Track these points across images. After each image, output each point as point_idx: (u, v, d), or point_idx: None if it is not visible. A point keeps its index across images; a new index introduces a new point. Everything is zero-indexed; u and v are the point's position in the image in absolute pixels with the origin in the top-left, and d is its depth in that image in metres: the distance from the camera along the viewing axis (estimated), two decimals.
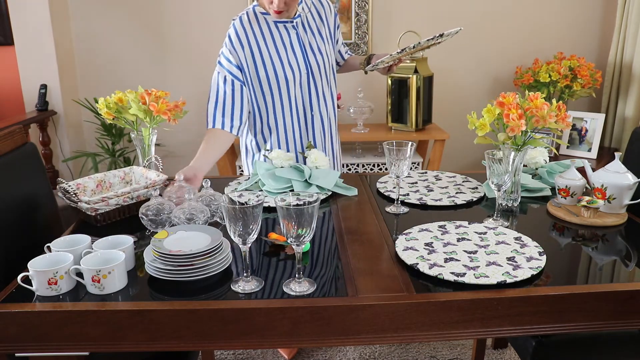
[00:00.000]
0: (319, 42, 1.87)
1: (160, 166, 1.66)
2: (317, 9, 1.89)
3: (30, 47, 3.07)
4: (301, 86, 1.84)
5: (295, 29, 1.82)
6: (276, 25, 1.80)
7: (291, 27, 1.81)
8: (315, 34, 1.86)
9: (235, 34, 1.77)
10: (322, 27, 1.89)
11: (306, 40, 1.84)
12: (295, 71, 1.81)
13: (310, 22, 1.86)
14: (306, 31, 1.84)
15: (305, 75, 1.83)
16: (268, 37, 1.79)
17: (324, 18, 1.90)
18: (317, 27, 1.87)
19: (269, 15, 1.78)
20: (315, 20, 1.88)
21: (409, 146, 1.47)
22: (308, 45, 1.84)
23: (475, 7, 3.30)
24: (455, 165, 3.53)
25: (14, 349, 1.04)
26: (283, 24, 1.80)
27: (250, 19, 1.79)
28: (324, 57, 1.87)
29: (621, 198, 1.44)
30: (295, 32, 1.82)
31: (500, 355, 2.18)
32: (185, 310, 1.02)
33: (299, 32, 1.83)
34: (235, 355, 2.18)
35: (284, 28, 1.81)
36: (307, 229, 1.04)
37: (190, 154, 3.71)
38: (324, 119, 1.93)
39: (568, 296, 1.07)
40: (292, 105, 1.85)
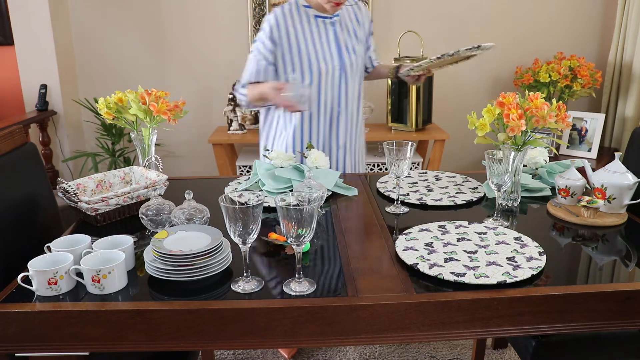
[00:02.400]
0: (354, 43, 1.93)
1: (160, 166, 1.66)
2: (355, 11, 1.96)
3: (30, 47, 3.07)
4: (332, 81, 1.89)
5: (333, 26, 1.88)
6: (315, 19, 1.86)
7: (329, 23, 1.87)
8: (351, 34, 1.92)
9: (275, 21, 1.82)
10: (359, 29, 1.95)
11: (342, 38, 1.90)
12: (328, 65, 1.86)
13: (347, 23, 1.92)
14: (342, 30, 1.91)
15: (337, 71, 1.88)
16: (307, 29, 1.84)
17: (360, 21, 1.97)
18: (354, 29, 1.94)
19: (310, 9, 1.85)
20: (352, 22, 1.94)
21: (409, 146, 1.47)
22: (343, 43, 1.90)
23: (476, 7, 3.30)
24: (455, 165, 3.53)
25: (14, 349, 1.04)
26: (322, 19, 1.86)
27: (292, 9, 1.85)
28: (357, 58, 1.93)
29: (621, 198, 1.44)
30: (333, 28, 1.88)
31: (500, 355, 2.18)
32: (185, 310, 1.02)
33: (336, 30, 1.89)
34: (235, 355, 2.18)
35: (322, 23, 1.86)
36: (307, 229, 1.04)
37: (190, 154, 3.73)
38: (349, 117, 1.97)
39: (568, 296, 1.07)
40: (321, 99, 1.89)
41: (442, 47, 3.31)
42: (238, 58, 3.28)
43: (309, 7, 1.85)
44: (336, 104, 1.92)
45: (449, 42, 3.34)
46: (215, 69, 3.32)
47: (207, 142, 3.21)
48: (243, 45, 3.28)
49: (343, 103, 1.93)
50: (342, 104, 1.93)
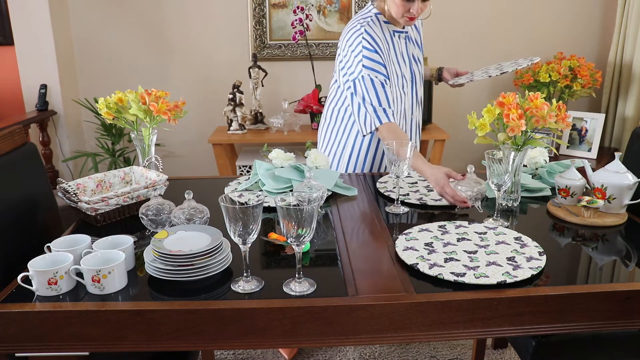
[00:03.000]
0: (419, 53, 1.96)
1: (160, 166, 1.66)
2: None
3: (30, 47, 3.07)
4: (408, 94, 1.92)
5: (405, 40, 1.90)
6: (394, 34, 1.86)
7: (404, 37, 1.89)
8: (415, 45, 1.95)
9: (371, 36, 1.77)
10: (418, 36, 1.98)
11: (411, 50, 1.92)
12: (407, 78, 1.89)
13: (412, 34, 1.95)
14: (410, 41, 1.93)
15: (410, 82, 1.92)
16: (390, 45, 1.85)
17: (419, 27, 1.99)
18: (415, 38, 1.96)
19: (389, 24, 1.85)
20: (413, 31, 1.96)
21: (409, 146, 1.47)
22: (412, 55, 1.92)
23: (476, 8, 3.30)
24: (455, 165, 3.53)
25: (14, 349, 1.04)
26: (398, 34, 1.87)
27: (376, 25, 1.81)
28: (422, 66, 1.97)
29: (621, 198, 1.44)
30: (405, 42, 1.90)
31: (500, 355, 2.18)
32: (185, 310, 1.02)
33: (407, 43, 1.91)
34: (235, 355, 2.18)
35: (398, 38, 1.88)
36: (307, 229, 1.04)
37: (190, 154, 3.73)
38: (418, 122, 2.02)
39: (568, 296, 1.07)
40: (399, 110, 1.90)
41: (442, 46, 3.31)
42: (238, 58, 3.29)
43: (389, 23, 1.85)
44: (409, 112, 1.95)
45: (449, 42, 3.34)
46: (215, 69, 3.32)
47: (207, 142, 3.21)
48: (243, 45, 3.28)
49: (416, 110, 1.98)
50: (414, 112, 1.97)
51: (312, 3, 3.23)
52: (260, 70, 3.12)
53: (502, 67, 1.92)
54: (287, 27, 3.25)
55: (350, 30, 1.80)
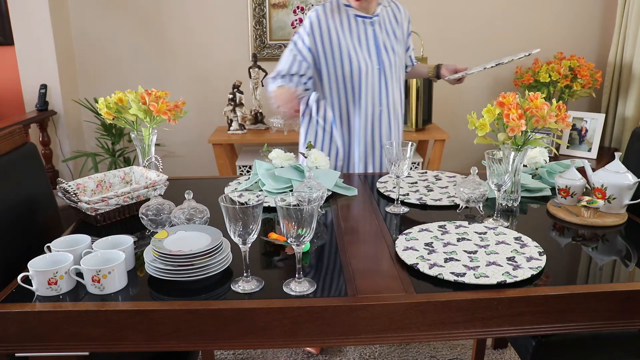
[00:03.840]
0: (393, 42, 1.95)
1: (160, 166, 1.66)
2: (394, 12, 1.99)
3: (30, 47, 3.07)
4: (373, 81, 1.91)
5: (372, 26, 1.90)
6: (355, 19, 1.87)
7: (369, 23, 1.90)
8: (390, 35, 1.94)
9: (317, 19, 1.85)
10: (397, 29, 1.98)
11: (381, 38, 1.92)
12: (367, 64, 1.88)
13: (386, 23, 1.95)
14: (382, 30, 1.93)
15: (377, 70, 1.91)
16: (346, 28, 1.86)
17: (399, 21, 2.00)
18: (393, 29, 1.96)
19: (350, 8, 1.87)
20: (391, 23, 1.96)
21: (409, 146, 1.47)
22: (382, 43, 1.92)
23: (476, 8, 3.30)
24: (455, 165, 3.53)
25: (14, 349, 1.04)
26: (362, 19, 1.88)
27: (333, 8, 1.87)
28: (396, 57, 1.95)
29: (621, 198, 1.44)
30: (372, 28, 1.90)
31: (500, 355, 2.18)
32: (185, 310, 1.02)
33: (376, 30, 1.91)
34: (235, 355, 2.18)
35: (362, 23, 1.88)
36: (307, 229, 1.04)
37: (190, 154, 3.72)
38: (392, 115, 1.99)
39: (568, 296, 1.07)
40: (362, 98, 1.91)
41: (442, 47, 3.31)
42: (238, 58, 3.29)
43: (349, 7, 1.88)
44: (377, 102, 1.94)
45: (449, 42, 3.34)
46: (215, 69, 3.32)
47: (207, 142, 3.21)
48: (243, 45, 3.28)
49: (384, 102, 1.95)
50: (383, 103, 1.95)
51: (312, 3, 3.23)
52: (260, 70, 3.12)
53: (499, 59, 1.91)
54: (287, 27, 3.25)
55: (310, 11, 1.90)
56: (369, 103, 1.93)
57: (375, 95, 1.93)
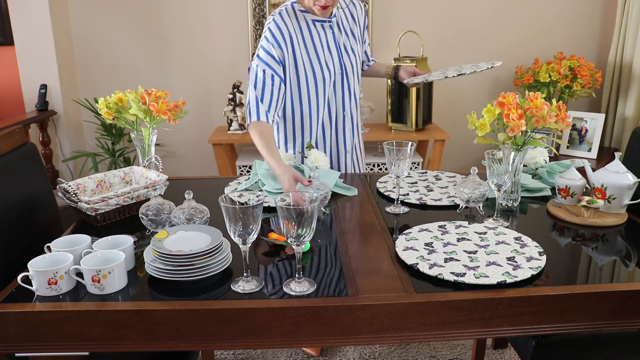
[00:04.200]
0: (352, 43, 1.88)
1: (160, 166, 1.66)
2: (350, 9, 1.91)
3: (30, 47, 3.07)
4: (335, 86, 1.85)
5: (332, 29, 1.83)
6: (314, 24, 1.80)
7: (328, 26, 1.82)
8: (348, 35, 1.88)
9: (277, 28, 1.75)
10: (355, 27, 1.90)
11: (341, 40, 1.85)
12: (331, 70, 1.82)
13: (344, 22, 1.87)
14: (341, 31, 1.86)
15: (339, 75, 1.85)
16: (307, 35, 1.79)
17: (356, 18, 1.92)
18: (350, 28, 1.89)
19: (307, 13, 1.79)
20: (348, 21, 1.89)
21: (409, 146, 1.47)
22: (342, 46, 1.85)
23: (476, 8, 3.30)
24: (455, 165, 3.53)
25: (14, 349, 1.04)
26: (321, 23, 1.81)
27: (290, 15, 1.78)
28: (356, 58, 1.89)
29: (621, 198, 1.44)
30: (332, 31, 1.83)
31: (500, 355, 2.18)
32: (185, 310, 1.02)
33: (335, 32, 1.84)
34: (235, 355, 2.18)
35: (321, 27, 1.81)
36: (307, 229, 1.04)
37: (190, 154, 3.72)
38: (353, 118, 1.95)
39: (568, 296, 1.07)
40: (326, 104, 1.85)
41: (442, 46, 3.31)
42: (238, 58, 3.29)
43: (306, 12, 1.79)
44: (340, 108, 1.88)
45: (449, 42, 3.34)
46: (215, 69, 3.32)
47: (207, 142, 3.21)
48: (243, 45, 3.28)
49: (347, 105, 1.90)
50: (346, 107, 1.89)
51: None
52: None
53: (461, 68, 1.87)
54: None
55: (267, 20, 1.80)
56: (332, 110, 1.87)
57: (338, 101, 1.87)
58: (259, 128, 1.68)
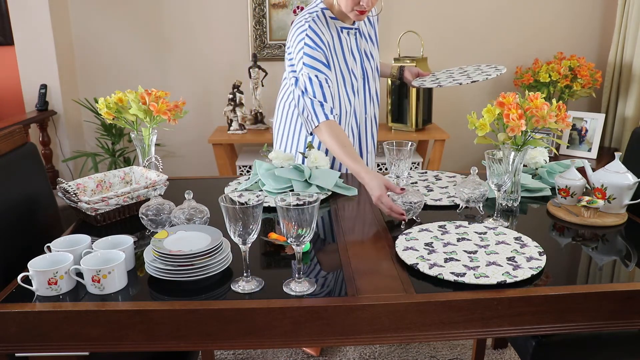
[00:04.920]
0: (371, 48, 1.90)
1: (160, 166, 1.66)
2: None
3: (30, 47, 3.07)
4: (358, 91, 1.87)
5: (355, 35, 1.84)
6: (341, 31, 1.80)
7: (353, 33, 1.83)
8: (367, 39, 1.89)
9: (315, 33, 1.71)
10: (372, 30, 1.92)
11: (362, 45, 1.87)
12: (357, 76, 1.84)
13: (363, 28, 1.89)
14: (362, 37, 1.87)
15: (361, 80, 1.87)
16: (337, 42, 1.79)
17: (372, 21, 1.93)
18: (368, 32, 1.90)
19: (336, 21, 1.78)
20: (366, 26, 1.90)
21: (409, 146, 1.47)
22: (363, 51, 1.87)
23: (476, 8, 3.30)
24: (455, 165, 3.53)
25: (14, 349, 1.04)
26: (347, 30, 1.81)
27: (322, 20, 1.76)
28: (375, 62, 1.91)
29: (621, 198, 1.44)
30: (355, 37, 1.84)
31: (500, 355, 2.18)
32: (185, 310, 1.02)
33: (357, 39, 1.85)
34: (235, 355, 2.18)
35: (347, 34, 1.82)
36: (307, 229, 1.04)
37: (190, 154, 3.72)
38: (373, 120, 1.97)
39: (568, 296, 1.07)
40: (350, 109, 1.86)
41: (442, 46, 3.31)
42: (238, 58, 3.29)
43: (336, 19, 1.78)
44: (363, 111, 1.91)
45: (449, 42, 3.34)
46: (215, 69, 3.32)
47: (207, 142, 3.21)
48: (243, 45, 3.28)
49: (369, 109, 1.93)
50: (368, 110, 1.93)
51: None
52: (260, 70, 3.12)
53: (468, 73, 1.87)
54: (287, 27, 3.25)
55: (296, 26, 1.75)
56: (358, 114, 1.89)
57: (361, 105, 1.90)
58: (333, 130, 1.64)
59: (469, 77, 1.86)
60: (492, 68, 1.87)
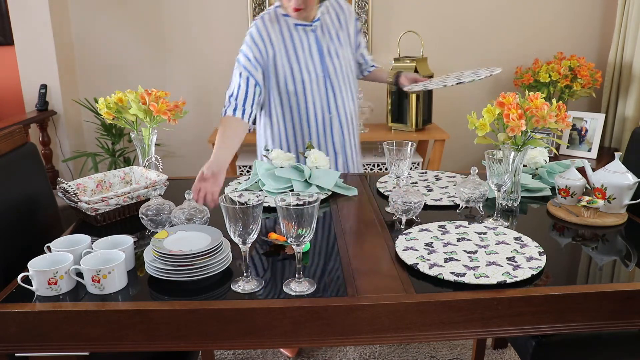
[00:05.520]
0: (337, 46, 1.89)
1: (160, 166, 1.66)
2: (337, 13, 1.91)
3: (30, 47, 3.07)
4: (318, 88, 1.87)
5: (314, 33, 1.84)
6: (296, 28, 1.82)
7: (310, 30, 1.84)
8: (333, 38, 1.88)
9: (258, 33, 1.80)
10: (341, 31, 1.91)
11: (324, 43, 1.86)
12: (311, 74, 1.84)
13: (329, 26, 1.88)
14: (324, 35, 1.87)
15: (322, 78, 1.86)
16: (288, 39, 1.81)
17: (342, 22, 1.92)
18: (336, 32, 1.89)
19: (289, 18, 1.81)
20: (334, 24, 1.89)
21: (409, 146, 1.47)
22: (326, 49, 1.86)
23: (476, 8, 3.30)
24: (455, 165, 3.53)
25: (14, 349, 1.04)
26: (302, 27, 1.82)
27: (272, 19, 1.82)
28: (341, 61, 1.89)
29: (621, 198, 1.44)
30: (314, 35, 1.84)
31: (500, 355, 2.18)
32: (185, 310, 1.02)
33: (318, 36, 1.85)
34: (235, 355, 2.18)
35: (303, 31, 1.83)
36: (307, 229, 1.04)
37: (190, 154, 3.72)
38: (342, 120, 1.95)
39: (568, 296, 1.07)
40: (310, 107, 1.87)
41: (442, 46, 3.31)
42: None
43: (288, 16, 1.82)
44: (326, 110, 1.90)
45: (449, 42, 3.34)
46: (215, 69, 3.32)
47: (207, 142, 3.21)
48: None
49: (334, 108, 1.90)
50: (332, 110, 1.90)
51: None
52: None
53: (461, 76, 1.86)
54: None
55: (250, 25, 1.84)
56: (317, 111, 1.89)
57: (323, 103, 1.89)
58: (225, 121, 1.80)
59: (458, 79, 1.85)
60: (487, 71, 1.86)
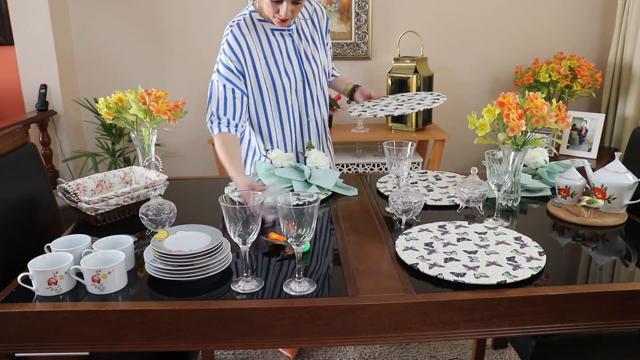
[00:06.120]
0: (313, 49, 1.86)
1: (160, 166, 1.65)
2: (310, 14, 1.88)
3: (30, 47, 3.07)
4: (297, 93, 1.84)
5: (291, 37, 1.82)
6: (272, 33, 1.79)
7: (287, 34, 1.81)
8: (309, 41, 1.86)
9: (235, 40, 1.75)
10: (315, 33, 1.88)
11: (301, 47, 1.84)
12: (291, 78, 1.81)
13: (304, 29, 1.86)
14: (301, 38, 1.84)
15: (300, 82, 1.84)
16: (265, 44, 1.78)
17: (316, 24, 1.90)
18: (311, 34, 1.87)
19: (265, 23, 1.78)
20: (309, 27, 1.87)
21: (409, 146, 1.47)
22: (303, 53, 1.84)
23: (476, 8, 3.30)
24: (455, 165, 3.53)
25: (14, 349, 1.04)
26: (280, 32, 1.80)
27: (248, 25, 1.77)
28: (317, 64, 1.87)
29: (621, 198, 1.44)
30: (291, 39, 1.82)
31: (500, 355, 2.18)
32: (185, 310, 1.02)
33: (294, 40, 1.82)
34: (235, 355, 2.18)
35: (280, 35, 1.80)
36: (307, 229, 1.04)
37: (190, 154, 3.72)
38: (319, 123, 1.93)
39: (568, 296, 1.07)
40: (289, 111, 1.85)
41: (443, 46, 3.31)
42: None
43: (264, 21, 1.78)
44: (304, 113, 1.88)
45: (449, 42, 3.34)
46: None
47: (207, 142, 3.21)
48: None
49: (311, 112, 1.89)
50: (309, 112, 1.89)
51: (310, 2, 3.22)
52: None
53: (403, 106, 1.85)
54: None
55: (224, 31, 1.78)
56: (296, 116, 1.87)
57: (301, 107, 1.87)
58: (223, 139, 1.71)
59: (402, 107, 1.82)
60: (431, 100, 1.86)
